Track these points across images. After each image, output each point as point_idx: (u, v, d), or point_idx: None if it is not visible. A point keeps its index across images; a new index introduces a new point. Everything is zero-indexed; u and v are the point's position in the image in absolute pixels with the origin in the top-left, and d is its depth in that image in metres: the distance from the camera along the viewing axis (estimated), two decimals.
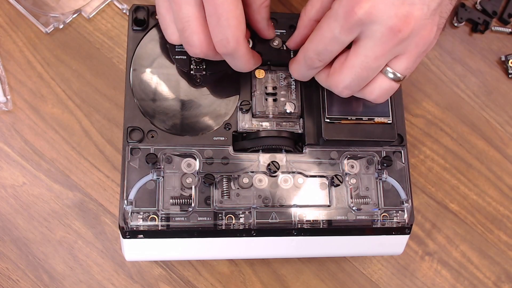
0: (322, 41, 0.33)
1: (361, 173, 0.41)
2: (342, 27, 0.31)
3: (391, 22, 0.30)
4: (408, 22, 0.31)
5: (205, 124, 0.40)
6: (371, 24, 0.31)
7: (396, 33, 0.31)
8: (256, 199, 0.39)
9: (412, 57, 0.33)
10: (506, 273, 0.50)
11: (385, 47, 0.32)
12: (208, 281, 0.45)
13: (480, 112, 0.53)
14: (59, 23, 0.47)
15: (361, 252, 0.43)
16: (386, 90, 0.35)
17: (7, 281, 0.43)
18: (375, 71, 0.34)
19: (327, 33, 0.32)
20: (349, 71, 0.33)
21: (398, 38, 0.31)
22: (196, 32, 0.34)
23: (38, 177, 0.44)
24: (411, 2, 0.31)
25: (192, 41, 0.34)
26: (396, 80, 0.34)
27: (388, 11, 0.30)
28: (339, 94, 0.36)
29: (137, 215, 0.37)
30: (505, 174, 0.52)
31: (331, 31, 0.32)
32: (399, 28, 0.31)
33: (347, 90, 0.35)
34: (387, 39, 0.31)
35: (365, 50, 0.32)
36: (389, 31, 0.31)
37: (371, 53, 0.32)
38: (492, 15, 0.54)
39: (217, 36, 0.34)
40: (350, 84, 0.34)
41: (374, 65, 0.33)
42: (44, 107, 0.46)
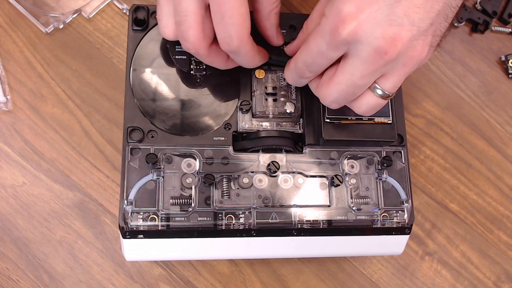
0: (310, 55, 0.33)
1: (361, 173, 0.41)
2: (328, 44, 0.31)
3: (377, 43, 0.30)
4: (395, 44, 0.30)
5: (205, 124, 0.40)
6: (357, 44, 0.30)
7: (382, 55, 0.30)
8: (256, 199, 0.39)
9: (400, 76, 0.33)
10: (506, 273, 0.50)
11: (371, 67, 0.31)
12: (208, 281, 0.45)
13: (480, 112, 0.53)
14: (59, 23, 0.47)
15: (361, 252, 0.43)
16: (373, 106, 0.35)
17: (7, 281, 0.43)
18: (361, 89, 0.33)
19: (314, 48, 0.32)
20: (336, 87, 0.33)
21: (384, 60, 0.31)
22: (192, 27, 0.34)
23: (38, 177, 0.44)
24: (399, 23, 0.30)
25: (187, 35, 0.34)
26: (383, 97, 0.34)
27: (374, 32, 0.30)
28: (328, 106, 0.36)
29: (137, 215, 0.37)
30: (505, 174, 0.52)
31: (318, 47, 0.32)
32: (385, 50, 0.30)
33: (335, 103, 0.35)
34: (373, 60, 0.31)
35: (351, 68, 0.32)
36: (374, 52, 0.30)
37: (357, 71, 0.32)
38: (492, 15, 0.54)
39: (220, 33, 0.34)
40: (337, 99, 0.34)
41: (360, 83, 0.33)
42: (44, 107, 0.46)
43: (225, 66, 0.38)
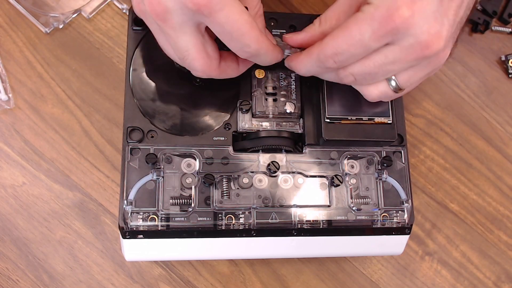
0: (347, 41, 0.32)
1: (361, 173, 0.41)
2: (374, 33, 0.30)
3: (423, 37, 0.30)
4: (438, 42, 0.30)
5: (205, 124, 0.39)
6: (404, 35, 0.30)
7: (424, 49, 0.31)
8: (256, 199, 0.39)
9: (419, 73, 0.33)
10: (506, 273, 0.50)
11: (407, 57, 0.31)
12: (208, 281, 0.45)
13: (480, 112, 0.53)
14: (59, 23, 0.47)
15: (361, 252, 0.43)
16: (383, 95, 0.35)
17: (7, 281, 0.43)
18: (386, 73, 0.33)
19: (355, 35, 0.31)
20: (363, 62, 0.33)
21: (423, 54, 0.31)
22: (196, 59, 0.34)
23: (38, 177, 0.44)
24: (441, 21, 0.30)
25: (194, 66, 0.34)
26: (395, 90, 0.34)
27: (423, 25, 0.30)
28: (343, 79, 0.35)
29: (137, 215, 0.37)
30: (505, 174, 0.52)
31: (361, 34, 0.31)
32: (429, 44, 0.30)
33: (353, 77, 0.34)
34: (414, 52, 0.31)
35: (388, 52, 0.32)
36: (418, 45, 0.30)
37: (392, 56, 0.32)
38: (492, 15, 0.54)
39: (235, 46, 0.33)
40: (359, 73, 0.33)
41: (387, 68, 0.32)
42: (44, 107, 0.46)
43: (238, 73, 0.38)
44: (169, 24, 0.32)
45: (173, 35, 0.33)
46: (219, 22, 0.31)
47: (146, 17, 0.34)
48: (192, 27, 0.32)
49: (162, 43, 0.35)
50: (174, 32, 0.32)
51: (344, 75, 0.34)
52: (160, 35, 0.35)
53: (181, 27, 0.32)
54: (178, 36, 0.32)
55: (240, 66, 0.37)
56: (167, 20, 0.32)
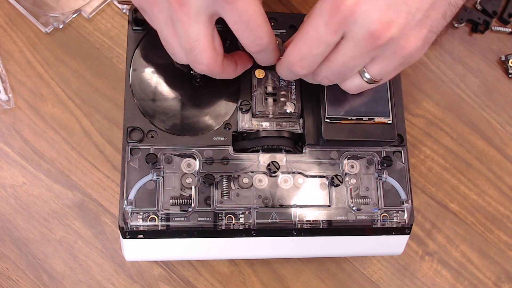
0: (306, 43, 0.33)
1: (361, 173, 0.41)
2: (327, 25, 0.31)
3: (372, 27, 0.30)
4: (389, 30, 0.30)
5: (205, 124, 0.39)
6: (353, 25, 0.30)
7: (374, 39, 0.31)
8: (256, 199, 0.39)
9: (388, 64, 0.33)
10: (506, 273, 0.50)
11: (362, 49, 0.32)
12: (208, 281, 0.45)
13: (480, 112, 0.53)
14: (59, 23, 0.47)
15: (361, 252, 0.43)
16: (358, 87, 0.36)
17: (7, 281, 0.43)
18: (352, 69, 0.34)
19: (311, 33, 0.32)
20: (328, 65, 0.34)
21: (375, 44, 0.31)
22: (205, 50, 0.33)
23: (38, 177, 0.44)
24: (397, 9, 0.30)
25: (200, 59, 0.34)
26: (369, 82, 0.35)
27: (372, 14, 0.30)
28: (320, 82, 0.36)
29: (137, 215, 0.37)
30: (505, 174, 0.52)
31: (316, 30, 0.32)
32: (379, 34, 0.31)
33: (326, 79, 0.35)
34: (366, 42, 0.31)
35: (344, 48, 0.32)
36: (368, 36, 0.31)
37: (349, 52, 0.32)
38: (492, 15, 0.54)
39: (248, 38, 0.33)
40: (329, 75, 0.35)
41: (351, 64, 0.33)
42: (44, 107, 0.46)
43: (235, 75, 0.38)
44: (185, 9, 0.32)
45: (186, 22, 0.32)
46: (239, 10, 0.31)
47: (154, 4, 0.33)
48: (206, 16, 0.32)
49: (166, 35, 0.34)
50: (188, 19, 0.32)
51: (319, 80, 0.36)
52: (167, 24, 0.34)
53: (197, 14, 0.32)
54: (191, 23, 0.32)
55: (238, 67, 0.38)
56: (185, 5, 0.31)
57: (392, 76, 0.36)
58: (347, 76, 0.35)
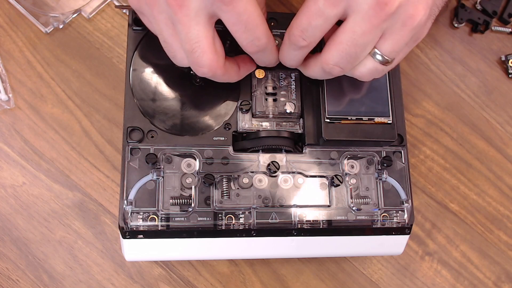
0: (306, 16, 0.32)
1: (361, 173, 0.41)
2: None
3: None
4: None
5: (205, 124, 0.39)
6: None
7: (382, 6, 0.30)
8: (256, 199, 0.39)
9: (399, 37, 0.32)
10: (506, 273, 0.50)
11: (372, 22, 0.31)
12: (208, 281, 0.45)
13: (480, 112, 0.53)
14: (59, 23, 0.47)
15: (361, 252, 0.43)
16: (371, 70, 0.35)
17: (7, 281, 0.43)
18: (363, 49, 0.33)
19: (311, 7, 0.31)
20: (337, 47, 0.33)
21: (384, 12, 0.30)
22: (206, 52, 0.33)
23: (38, 177, 0.44)
24: None
25: (202, 61, 0.33)
26: (383, 62, 0.34)
27: None
28: (331, 72, 0.34)
29: (137, 215, 0.37)
30: (505, 174, 0.52)
31: (315, 3, 0.31)
32: (386, 1, 0.30)
33: (337, 67, 0.34)
34: (374, 12, 0.30)
35: (352, 24, 0.31)
36: (375, 4, 0.30)
37: (358, 28, 0.31)
38: (492, 15, 0.54)
39: (246, 39, 0.33)
40: (340, 61, 0.33)
41: (361, 41, 0.32)
42: (44, 107, 0.46)
43: (238, 78, 0.38)
44: (184, 11, 0.31)
45: (186, 24, 0.32)
46: (237, 11, 0.31)
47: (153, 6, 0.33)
48: (206, 17, 0.32)
49: (167, 36, 0.34)
50: (188, 21, 0.32)
51: (329, 68, 0.34)
52: (168, 25, 0.33)
53: (196, 16, 0.32)
54: (191, 25, 0.32)
55: (241, 70, 0.37)
56: (184, 6, 0.31)
57: (404, 54, 0.35)
58: (359, 58, 0.34)
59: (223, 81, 0.36)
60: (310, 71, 0.37)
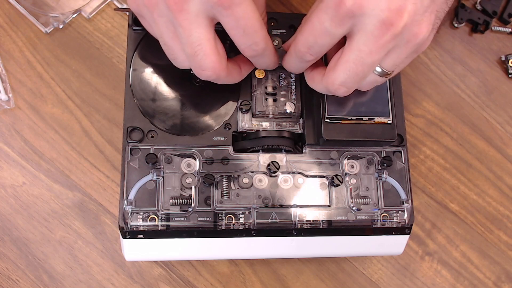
0: (312, 34, 0.32)
1: (361, 173, 0.40)
2: (332, 19, 0.30)
3: (383, 15, 0.30)
4: (401, 16, 0.30)
5: (205, 124, 0.39)
6: (362, 17, 0.30)
7: (388, 26, 0.30)
8: (256, 199, 0.39)
9: (401, 53, 0.33)
10: (506, 273, 0.50)
11: (378, 41, 0.31)
12: (208, 281, 0.45)
13: (480, 112, 0.53)
14: (59, 23, 0.47)
15: (361, 252, 0.43)
16: (372, 83, 0.35)
17: (7, 281, 0.43)
18: (370, 67, 0.33)
19: (317, 26, 0.32)
20: (344, 66, 0.33)
21: (391, 33, 0.30)
22: (208, 55, 0.33)
23: (38, 177, 0.44)
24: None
25: (205, 64, 0.33)
26: (383, 75, 0.34)
27: (379, 3, 0.29)
28: (336, 92, 0.34)
29: (137, 215, 0.37)
30: (505, 174, 0.52)
31: (321, 24, 0.31)
32: (391, 21, 0.30)
33: (343, 87, 0.34)
34: (380, 33, 0.30)
35: (359, 44, 0.31)
36: (381, 25, 0.30)
37: (364, 47, 0.31)
38: (492, 15, 0.54)
39: (245, 43, 0.33)
40: (346, 80, 0.33)
41: (368, 60, 0.32)
42: (44, 107, 0.46)
43: (241, 77, 0.38)
44: (184, 14, 0.31)
45: (187, 27, 0.32)
46: (236, 16, 0.31)
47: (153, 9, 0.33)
48: (206, 19, 0.32)
49: (167, 39, 0.34)
50: (188, 24, 0.32)
51: (334, 89, 0.34)
52: (168, 28, 0.33)
53: (196, 19, 0.32)
54: (192, 28, 0.32)
55: (242, 70, 0.37)
56: (184, 10, 0.31)
57: (404, 65, 0.35)
58: (366, 76, 0.33)
59: (226, 83, 0.36)
60: (314, 86, 0.37)
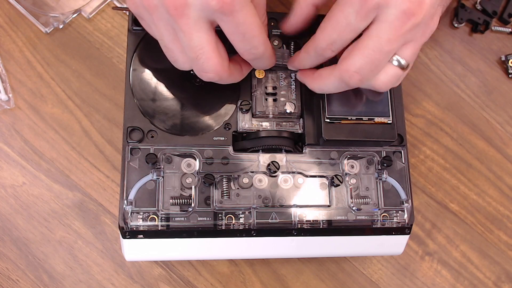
0: (336, 30, 0.33)
1: (361, 173, 0.40)
2: (358, 13, 0.31)
3: (405, 5, 0.31)
4: (422, 7, 0.31)
5: (205, 124, 0.39)
6: (386, 8, 0.31)
7: (409, 16, 0.31)
8: (256, 199, 0.39)
9: (417, 45, 0.34)
10: (506, 273, 0.50)
11: (398, 31, 0.32)
12: (208, 281, 0.45)
13: (480, 112, 0.53)
14: (59, 23, 0.47)
15: (361, 252, 0.43)
16: (392, 77, 0.35)
17: (7, 281, 0.43)
18: (386, 56, 0.33)
19: (341, 21, 0.32)
20: (361, 52, 0.33)
21: (411, 22, 0.32)
22: (211, 57, 0.33)
23: (38, 177, 0.44)
24: None
25: (207, 67, 0.33)
26: (401, 67, 0.34)
27: None
28: (349, 80, 0.34)
29: (137, 215, 0.37)
30: (505, 174, 0.52)
31: (346, 18, 0.32)
32: (413, 11, 0.31)
33: (358, 74, 0.33)
34: (401, 22, 0.32)
35: (378, 31, 0.32)
36: (403, 14, 0.31)
37: (384, 35, 0.32)
38: (492, 15, 0.54)
39: (244, 47, 0.34)
40: (362, 67, 0.33)
41: (386, 48, 0.33)
42: (44, 107, 0.46)
43: (242, 77, 0.38)
44: (184, 19, 0.31)
45: (187, 32, 0.32)
46: (237, 22, 0.31)
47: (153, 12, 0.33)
48: (207, 24, 0.32)
49: (167, 41, 0.34)
50: (189, 28, 0.32)
51: (348, 76, 0.34)
52: (168, 31, 0.33)
53: (197, 23, 0.32)
54: (192, 33, 0.32)
55: (243, 69, 0.38)
56: (184, 15, 0.31)
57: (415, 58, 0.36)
58: (380, 67, 0.34)
59: (228, 83, 0.36)
60: (322, 83, 0.36)
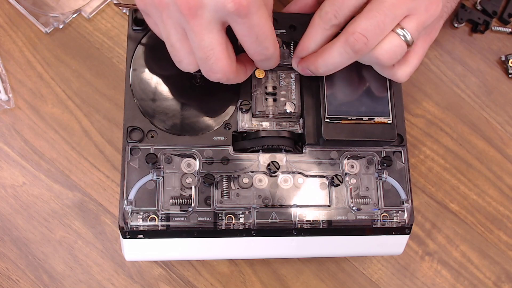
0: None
1: (361, 173, 0.40)
2: None
3: None
4: None
5: (205, 124, 0.39)
6: None
7: None
8: (256, 199, 0.39)
9: (421, 20, 0.35)
10: (506, 273, 0.50)
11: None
12: (208, 281, 0.45)
13: (480, 112, 0.53)
14: (59, 23, 0.47)
15: (361, 252, 0.43)
16: (396, 47, 0.35)
17: (7, 281, 0.43)
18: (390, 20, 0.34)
19: None
20: (366, 14, 0.34)
21: None
22: (220, 58, 0.33)
23: (38, 177, 0.44)
24: None
25: (216, 68, 0.34)
26: (405, 41, 0.35)
27: None
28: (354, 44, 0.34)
29: (137, 215, 0.37)
30: (505, 174, 0.52)
31: None
32: None
33: (363, 36, 0.34)
34: None
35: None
36: None
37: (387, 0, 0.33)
38: (492, 15, 0.54)
39: (255, 48, 0.34)
40: (367, 28, 0.34)
41: (390, 12, 0.33)
42: (44, 107, 0.46)
43: (246, 77, 0.38)
44: (197, 20, 0.31)
45: (199, 32, 0.32)
46: (251, 24, 0.32)
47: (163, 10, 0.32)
48: (219, 25, 0.32)
49: (174, 41, 0.34)
50: (201, 29, 0.32)
51: (354, 39, 0.34)
52: (176, 30, 0.33)
53: (209, 24, 0.32)
54: (204, 33, 0.32)
55: (247, 69, 0.38)
56: (197, 15, 0.31)
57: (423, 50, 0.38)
58: (386, 30, 0.34)
59: (233, 83, 0.36)
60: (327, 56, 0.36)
